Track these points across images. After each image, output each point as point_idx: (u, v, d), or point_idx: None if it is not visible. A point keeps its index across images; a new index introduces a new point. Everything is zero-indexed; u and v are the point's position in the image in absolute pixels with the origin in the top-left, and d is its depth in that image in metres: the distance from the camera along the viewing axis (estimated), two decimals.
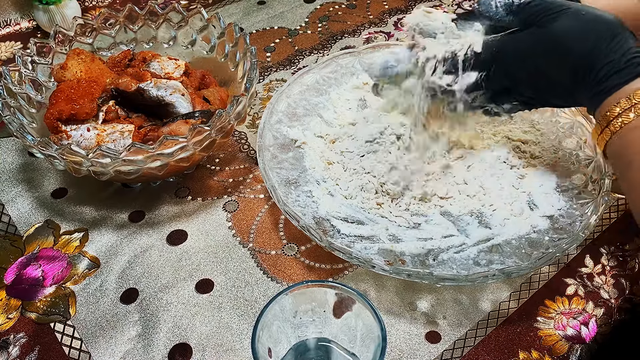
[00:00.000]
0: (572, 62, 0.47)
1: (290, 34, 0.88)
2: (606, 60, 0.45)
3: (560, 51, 0.47)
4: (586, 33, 0.47)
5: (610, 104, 0.45)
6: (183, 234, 0.60)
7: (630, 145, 0.44)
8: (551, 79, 0.49)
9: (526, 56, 0.49)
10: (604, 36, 0.46)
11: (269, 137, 0.63)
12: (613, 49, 0.45)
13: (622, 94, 0.45)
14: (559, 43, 0.47)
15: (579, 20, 0.47)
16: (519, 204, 0.57)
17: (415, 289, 0.55)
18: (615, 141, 0.45)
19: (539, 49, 0.48)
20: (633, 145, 0.44)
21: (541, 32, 0.48)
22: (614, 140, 0.45)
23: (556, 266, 0.57)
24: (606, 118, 0.45)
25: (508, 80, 0.51)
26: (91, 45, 0.71)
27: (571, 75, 0.47)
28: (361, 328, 0.43)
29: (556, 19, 0.48)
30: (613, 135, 0.45)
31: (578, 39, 0.47)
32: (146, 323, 0.53)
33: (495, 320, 0.53)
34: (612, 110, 0.45)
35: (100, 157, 0.54)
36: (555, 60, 0.48)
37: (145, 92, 0.62)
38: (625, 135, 0.44)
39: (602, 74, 0.46)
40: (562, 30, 0.47)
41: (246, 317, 0.53)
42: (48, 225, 0.61)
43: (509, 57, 0.50)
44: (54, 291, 0.55)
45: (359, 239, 0.55)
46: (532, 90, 0.51)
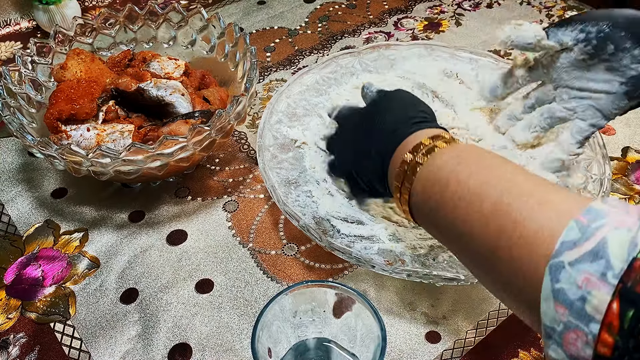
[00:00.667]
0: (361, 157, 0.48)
1: (290, 34, 0.88)
2: (376, 149, 0.46)
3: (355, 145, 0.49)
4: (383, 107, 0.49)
5: (398, 161, 0.43)
6: (183, 234, 0.60)
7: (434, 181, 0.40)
8: (361, 169, 0.48)
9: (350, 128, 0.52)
10: (373, 136, 0.47)
11: (269, 137, 0.63)
12: (377, 139, 0.46)
13: (404, 148, 0.43)
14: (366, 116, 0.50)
15: (386, 99, 0.50)
16: None
17: (415, 289, 0.55)
18: (420, 183, 0.41)
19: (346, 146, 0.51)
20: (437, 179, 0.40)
21: (344, 133, 0.52)
22: (418, 185, 0.41)
23: None
24: (400, 174, 0.42)
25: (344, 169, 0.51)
26: (91, 45, 0.71)
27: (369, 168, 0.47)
28: (361, 328, 0.43)
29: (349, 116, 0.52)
30: (410, 186, 0.42)
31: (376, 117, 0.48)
32: (146, 323, 0.53)
33: (495, 320, 0.53)
34: (403, 164, 0.42)
35: (100, 157, 0.54)
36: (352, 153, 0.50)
37: (145, 92, 0.62)
38: (423, 177, 0.41)
39: (378, 159, 0.45)
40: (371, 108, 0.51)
41: (246, 317, 0.53)
42: (48, 225, 0.61)
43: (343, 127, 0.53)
44: (54, 291, 0.55)
45: (359, 238, 0.55)
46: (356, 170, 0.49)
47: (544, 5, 0.92)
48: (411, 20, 0.90)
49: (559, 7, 0.92)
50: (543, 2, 0.93)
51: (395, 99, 0.50)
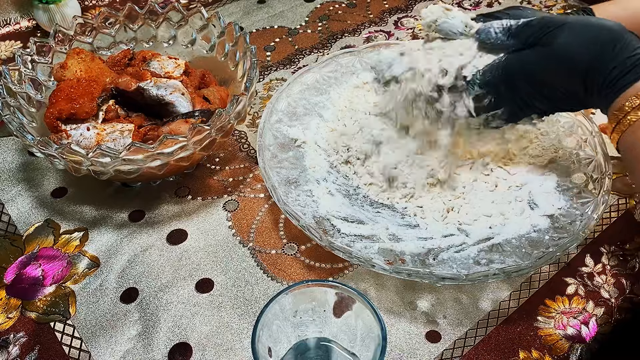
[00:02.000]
0: (579, 73, 0.49)
1: (290, 33, 0.88)
2: (612, 66, 0.47)
3: (567, 66, 0.49)
4: (587, 44, 0.48)
5: (621, 102, 0.47)
6: (183, 234, 0.60)
7: (639, 142, 0.47)
8: (563, 91, 0.50)
9: (535, 75, 0.51)
10: (605, 43, 0.48)
11: (269, 136, 0.63)
12: (617, 54, 0.48)
13: (631, 92, 0.47)
14: (564, 58, 0.49)
15: (578, 33, 0.49)
16: (519, 203, 0.57)
17: (415, 289, 0.55)
18: (627, 137, 0.48)
19: (546, 66, 0.50)
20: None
21: (545, 51, 0.50)
22: (625, 136, 0.48)
23: (556, 265, 0.57)
24: (617, 116, 0.48)
25: (520, 99, 0.52)
26: (91, 44, 0.71)
27: (581, 86, 0.49)
28: (361, 327, 0.43)
29: (556, 35, 0.49)
30: (624, 132, 0.48)
31: (581, 52, 0.48)
32: (146, 322, 0.53)
33: (495, 319, 0.53)
34: (622, 108, 0.47)
35: (100, 156, 0.54)
36: (564, 74, 0.49)
37: (145, 92, 0.62)
38: (635, 131, 0.47)
39: (609, 79, 0.48)
40: (564, 46, 0.49)
41: (246, 316, 0.53)
42: (48, 224, 0.61)
43: (517, 77, 0.51)
44: (54, 290, 0.55)
45: (359, 238, 0.55)
46: (545, 103, 0.52)
47: (544, 5, 0.92)
48: (411, 20, 0.90)
49: (559, 6, 0.92)
50: (543, 2, 0.93)
51: (593, 29, 0.49)
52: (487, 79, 0.53)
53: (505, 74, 0.52)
